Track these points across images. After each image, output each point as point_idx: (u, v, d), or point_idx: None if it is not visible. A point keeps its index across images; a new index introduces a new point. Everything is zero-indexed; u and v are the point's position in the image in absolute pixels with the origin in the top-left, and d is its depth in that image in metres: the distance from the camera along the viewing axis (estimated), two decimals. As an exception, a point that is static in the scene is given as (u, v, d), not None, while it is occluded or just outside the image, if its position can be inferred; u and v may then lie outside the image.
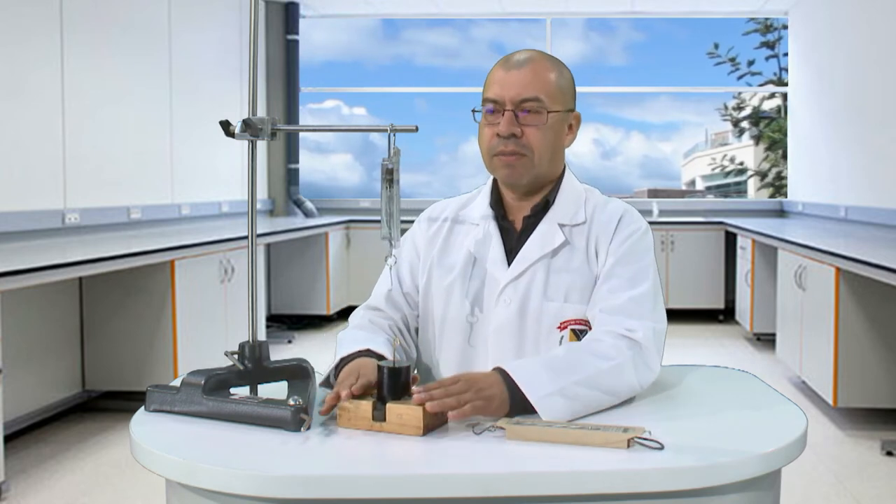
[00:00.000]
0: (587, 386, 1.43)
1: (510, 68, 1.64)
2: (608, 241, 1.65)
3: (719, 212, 8.04)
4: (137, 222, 5.41)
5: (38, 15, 4.48)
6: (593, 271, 1.65)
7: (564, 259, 1.65)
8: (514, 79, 1.63)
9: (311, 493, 1.16)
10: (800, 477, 3.56)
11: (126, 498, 3.39)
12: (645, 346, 1.52)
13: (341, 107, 9.41)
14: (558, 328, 1.63)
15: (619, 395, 1.48)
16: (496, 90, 1.64)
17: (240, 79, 6.97)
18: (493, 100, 1.64)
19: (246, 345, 1.46)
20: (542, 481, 1.17)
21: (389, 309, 1.74)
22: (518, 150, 1.62)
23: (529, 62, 1.65)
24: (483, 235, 1.70)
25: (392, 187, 1.41)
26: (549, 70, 1.66)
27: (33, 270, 3.37)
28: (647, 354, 1.52)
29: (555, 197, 1.70)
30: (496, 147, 1.63)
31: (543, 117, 1.63)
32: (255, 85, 1.46)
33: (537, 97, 1.62)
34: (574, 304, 1.63)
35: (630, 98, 9.83)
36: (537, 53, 1.68)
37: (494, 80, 1.65)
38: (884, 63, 5.42)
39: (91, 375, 4.58)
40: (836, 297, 4.14)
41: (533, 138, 1.63)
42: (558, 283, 1.64)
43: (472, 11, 8.29)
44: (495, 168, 1.67)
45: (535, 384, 1.40)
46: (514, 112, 1.62)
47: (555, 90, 1.65)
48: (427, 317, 1.74)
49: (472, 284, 1.68)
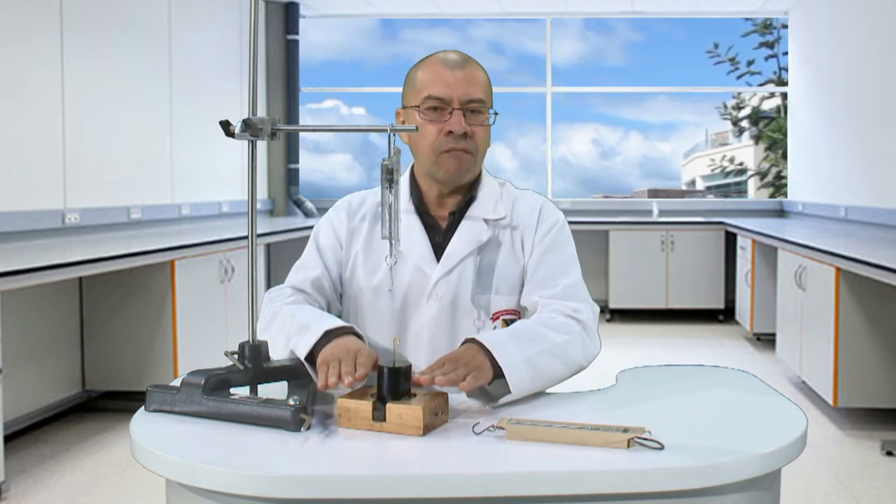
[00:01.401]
0: (547, 356, 1.53)
1: (452, 68, 1.67)
2: (532, 233, 1.74)
3: (719, 212, 8.04)
4: (137, 222, 5.41)
5: (38, 15, 4.48)
6: (520, 262, 1.73)
7: (492, 252, 1.73)
8: (458, 78, 1.66)
9: (311, 493, 1.16)
10: (800, 477, 3.56)
11: (126, 498, 3.39)
12: (588, 325, 1.64)
13: (340, 107, 9.41)
14: (491, 319, 1.70)
15: (570, 368, 1.58)
16: (441, 88, 1.66)
17: (240, 79, 6.97)
18: (438, 97, 1.66)
19: (246, 345, 1.46)
20: (542, 481, 1.17)
21: (316, 294, 1.75)
22: (468, 149, 1.67)
23: (468, 63, 1.70)
24: (407, 231, 1.73)
25: (392, 187, 1.41)
26: (481, 71, 1.72)
27: (33, 270, 3.37)
28: (591, 333, 1.64)
29: (477, 193, 1.76)
30: (445, 144, 1.67)
31: (486, 117, 1.70)
32: (255, 85, 1.46)
33: (481, 98, 1.68)
34: (504, 296, 1.71)
35: (629, 98, 9.84)
36: (465, 54, 1.73)
37: (435, 79, 1.67)
38: (884, 63, 5.42)
39: (91, 375, 4.58)
40: (836, 297, 4.14)
41: (479, 138, 1.69)
42: (488, 276, 1.71)
43: (472, 11, 8.29)
44: (441, 164, 1.69)
45: (505, 352, 1.48)
46: (462, 111, 1.66)
47: (489, 91, 1.72)
48: (353, 312, 1.75)
49: (400, 280, 1.71)
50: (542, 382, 1.52)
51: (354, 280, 1.75)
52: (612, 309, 7.45)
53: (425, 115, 1.68)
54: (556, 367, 1.54)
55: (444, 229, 1.74)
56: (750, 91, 9.46)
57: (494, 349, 1.47)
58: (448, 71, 1.67)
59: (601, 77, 10.03)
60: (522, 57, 9.82)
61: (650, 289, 7.38)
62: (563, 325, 1.60)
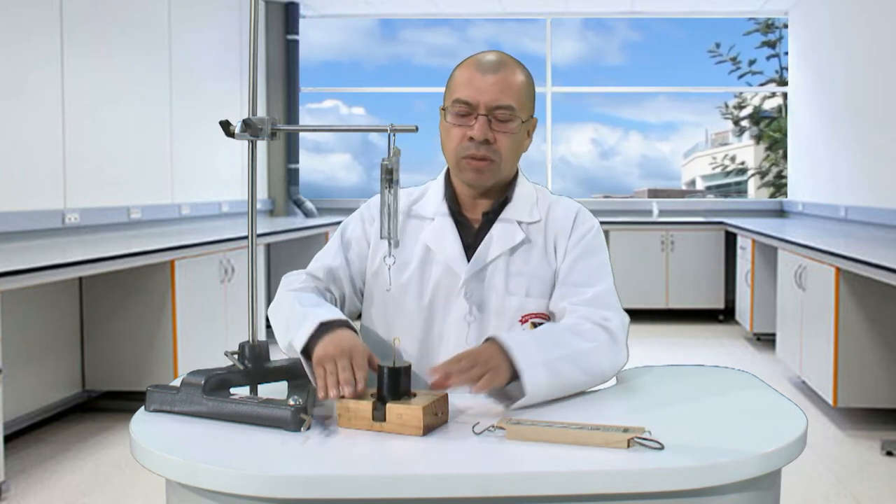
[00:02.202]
0: (569, 362, 1.50)
1: (485, 71, 1.65)
2: (566, 238, 1.72)
3: (719, 212, 8.04)
4: (137, 222, 5.41)
5: (38, 15, 4.48)
6: (552, 266, 1.71)
7: (523, 255, 1.70)
8: (489, 83, 1.64)
9: (311, 493, 1.16)
10: (800, 477, 3.56)
11: (126, 498, 3.39)
12: (617, 335, 1.59)
13: (340, 107, 9.41)
14: (520, 321, 1.68)
15: (594, 377, 1.55)
16: (470, 93, 1.64)
17: (240, 79, 6.97)
18: (465, 102, 1.64)
19: (246, 345, 1.46)
20: (542, 481, 1.17)
21: (329, 283, 1.75)
22: (489, 156, 1.65)
23: (503, 67, 1.66)
24: (439, 230, 1.72)
25: (392, 187, 1.41)
26: (518, 75, 1.68)
27: (33, 270, 3.37)
28: (619, 343, 1.60)
29: (512, 195, 1.74)
30: (466, 150, 1.65)
31: (514, 125, 1.66)
32: (255, 85, 1.46)
33: (510, 105, 1.64)
34: (535, 298, 1.69)
35: (628, 98, 9.84)
36: (507, 57, 1.70)
37: (467, 82, 1.65)
38: (884, 63, 5.42)
39: (91, 375, 4.58)
40: (836, 297, 4.14)
41: (503, 145, 1.66)
42: (519, 279, 1.69)
43: (472, 11, 8.29)
44: (462, 169, 1.69)
45: (524, 353, 1.46)
46: (488, 117, 1.64)
47: (524, 97, 1.68)
48: (380, 309, 1.74)
49: (429, 279, 1.70)
50: (561, 388, 1.49)
51: (380, 277, 1.73)
52: (612, 309, 7.44)
53: (452, 119, 1.67)
54: (577, 374, 1.51)
55: (477, 230, 1.73)
56: (750, 91, 9.46)
57: (514, 349, 1.46)
58: (480, 75, 1.65)
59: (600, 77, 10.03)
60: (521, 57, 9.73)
61: (650, 289, 7.38)
62: (590, 332, 1.57)
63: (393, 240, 1.45)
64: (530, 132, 1.76)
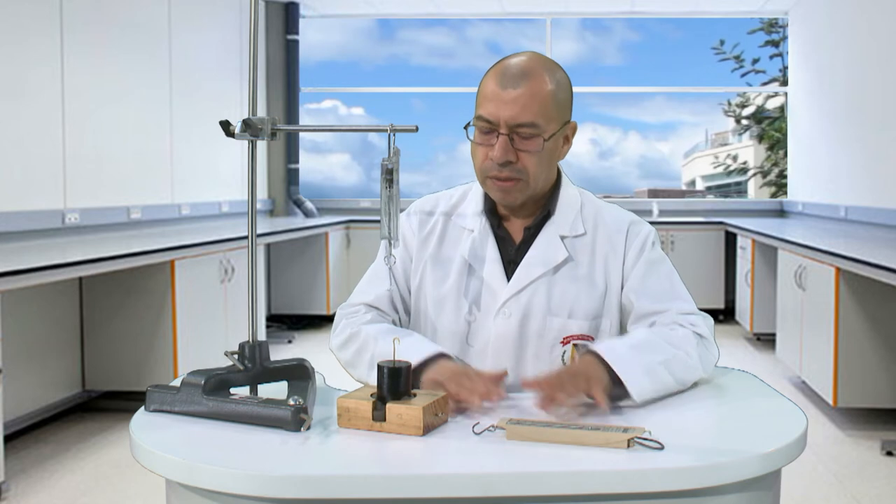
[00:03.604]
0: (665, 368, 1.49)
1: (506, 85, 1.54)
2: (621, 255, 1.65)
3: (719, 212, 8.04)
4: (137, 222, 5.41)
5: (38, 15, 4.48)
6: (598, 285, 1.63)
7: (568, 273, 1.63)
8: (510, 98, 1.53)
9: (311, 493, 1.15)
10: (800, 477, 3.55)
11: (126, 498, 3.38)
12: (707, 338, 1.60)
13: (339, 107, 9.41)
14: (561, 343, 1.62)
15: (686, 383, 1.54)
16: (491, 109, 1.55)
17: (240, 79, 6.97)
18: (487, 119, 1.55)
19: (246, 345, 1.46)
20: (542, 481, 1.17)
21: (389, 310, 1.72)
22: (513, 176, 1.57)
23: (526, 78, 1.54)
24: (479, 243, 1.66)
25: (392, 187, 1.41)
26: (546, 84, 1.56)
27: (33, 270, 3.37)
28: (710, 345, 1.60)
29: (554, 207, 1.66)
30: (489, 170, 1.58)
31: (539, 143, 1.56)
32: (255, 85, 1.46)
33: (534, 122, 1.54)
34: (578, 320, 1.62)
35: (626, 98, 9.84)
36: (535, 63, 1.58)
37: (489, 97, 1.55)
38: (884, 63, 5.42)
39: (91, 375, 4.58)
40: (836, 297, 4.14)
41: (528, 163, 1.57)
42: (562, 299, 1.62)
43: (472, 11, 8.29)
44: (489, 189, 1.63)
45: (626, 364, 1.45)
46: (509, 136, 1.55)
47: (552, 109, 1.57)
48: (419, 320, 1.71)
49: (468, 295, 1.65)
50: (662, 391, 1.49)
51: (422, 290, 1.69)
52: (612, 309, 7.45)
53: (477, 137, 1.59)
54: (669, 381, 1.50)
55: (518, 244, 1.66)
56: (750, 91, 9.45)
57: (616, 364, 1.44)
58: (501, 89, 1.54)
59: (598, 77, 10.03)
60: (520, 57, 9.78)
61: (650, 289, 7.37)
62: (682, 339, 1.55)
63: (393, 240, 1.44)
64: (569, 137, 1.66)
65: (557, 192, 1.68)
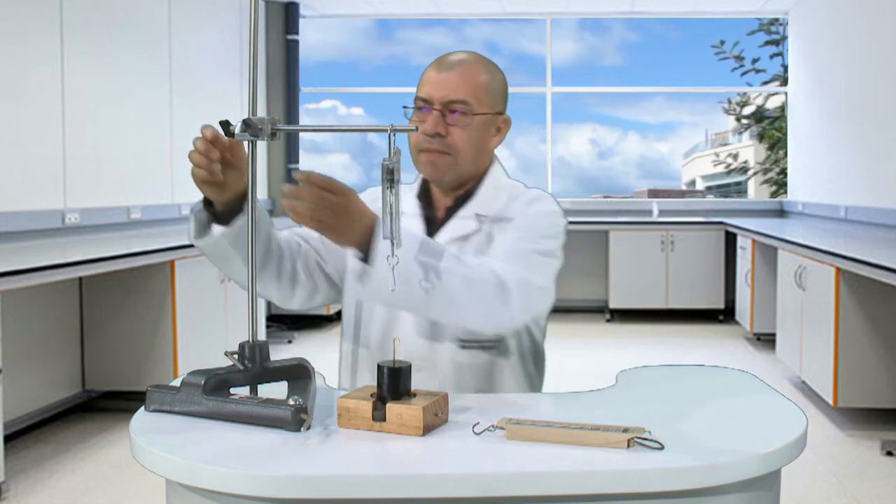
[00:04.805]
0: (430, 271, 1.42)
1: (442, 70, 1.69)
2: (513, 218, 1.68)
3: (719, 212, 8.04)
4: (137, 222, 5.41)
5: (38, 15, 4.48)
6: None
7: (476, 245, 1.68)
8: (445, 80, 1.67)
9: (311, 493, 1.15)
10: (800, 477, 3.56)
11: (126, 498, 3.39)
12: (507, 286, 1.48)
13: (338, 107, 9.42)
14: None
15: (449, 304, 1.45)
16: (426, 90, 1.68)
17: (240, 79, 6.97)
18: (423, 99, 1.68)
19: (246, 345, 1.46)
20: (542, 481, 1.17)
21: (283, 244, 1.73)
22: (442, 149, 1.67)
23: (461, 64, 1.69)
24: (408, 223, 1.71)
25: (392, 187, 1.41)
26: (480, 73, 1.70)
27: (33, 270, 3.37)
28: (509, 295, 1.48)
29: (476, 190, 1.74)
30: (421, 144, 1.68)
31: (469, 119, 1.67)
32: (255, 85, 1.46)
33: (465, 100, 1.66)
34: None
35: (625, 98, 9.85)
36: (472, 56, 1.72)
37: (426, 80, 1.69)
38: (884, 63, 5.42)
39: (91, 375, 4.58)
40: (836, 297, 4.14)
41: (458, 138, 1.67)
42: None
43: (473, 11, 8.29)
44: (420, 164, 1.71)
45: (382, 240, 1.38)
46: (442, 112, 1.67)
47: (483, 93, 1.69)
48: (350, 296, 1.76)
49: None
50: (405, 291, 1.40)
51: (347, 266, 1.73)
52: (612, 309, 7.45)
53: (413, 116, 1.71)
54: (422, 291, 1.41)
55: (439, 223, 1.75)
56: (750, 91, 9.46)
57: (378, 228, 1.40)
58: (437, 73, 1.69)
59: (597, 77, 10.05)
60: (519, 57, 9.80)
61: (650, 289, 7.38)
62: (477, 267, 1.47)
63: (396, 240, 1.44)
64: (501, 129, 1.75)
65: (483, 178, 1.75)
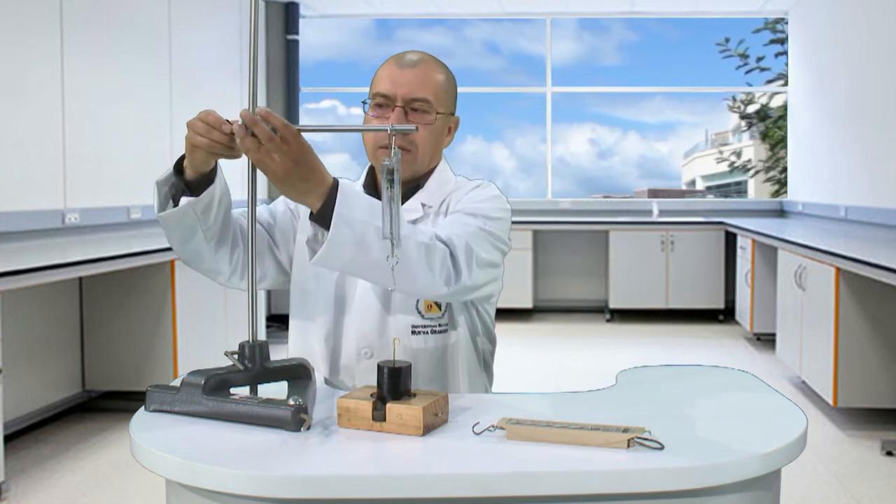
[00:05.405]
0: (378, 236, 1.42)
1: (403, 66, 1.70)
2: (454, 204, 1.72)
3: (719, 212, 8.04)
4: (137, 222, 5.41)
5: (38, 15, 4.48)
6: None
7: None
8: (407, 77, 1.69)
9: (311, 493, 1.16)
10: (800, 477, 3.56)
11: (126, 498, 3.39)
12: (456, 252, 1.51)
13: (338, 107, 9.42)
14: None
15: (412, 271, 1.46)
16: (387, 86, 1.69)
17: (240, 79, 6.97)
18: (383, 94, 1.69)
19: (246, 345, 1.46)
20: (542, 481, 1.17)
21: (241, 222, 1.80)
22: (404, 146, 1.68)
23: (422, 63, 1.72)
24: None
25: (393, 187, 1.41)
26: (438, 73, 1.73)
27: (33, 270, 3.37)
28: (454, 260, 1.51)
29: (424, 183, 1.77)
30: (382, 140, 1.69)
31: (431, 117, 1.70)
32: (255, 85, 1.46)
33: (426, 98, 1.69)
34: None
35: (625, 98, 9.85)
36: (428, 56, 1.76)
37: (386, 76, 1.70)
38: (884, 63, 5.42)
39: (91, 375, 4.58)
40: (836, 297, 4.14)
41: (419, 136, 1.69)
42: None
43: (472, 11, 8.29)
44: (378, 158, 1.71)
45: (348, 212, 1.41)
46: (404, 109, 1.68)
47: (442, 93, 1.72)
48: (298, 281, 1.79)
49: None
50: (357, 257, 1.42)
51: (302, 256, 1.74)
52: (612, 309, 7.45)
53: (372, 111, 1.72)
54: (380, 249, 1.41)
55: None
56: (751, 91, 9.46)
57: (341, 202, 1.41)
58: (398, 70, 1.70)
59: (597, 77, 10.05)
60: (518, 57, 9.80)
61: (650, 289, 7.38)
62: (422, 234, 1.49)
63: (396, 240, 1.44)
64: (452, 129, 1.79)
65: (430, 174, 1.78)
